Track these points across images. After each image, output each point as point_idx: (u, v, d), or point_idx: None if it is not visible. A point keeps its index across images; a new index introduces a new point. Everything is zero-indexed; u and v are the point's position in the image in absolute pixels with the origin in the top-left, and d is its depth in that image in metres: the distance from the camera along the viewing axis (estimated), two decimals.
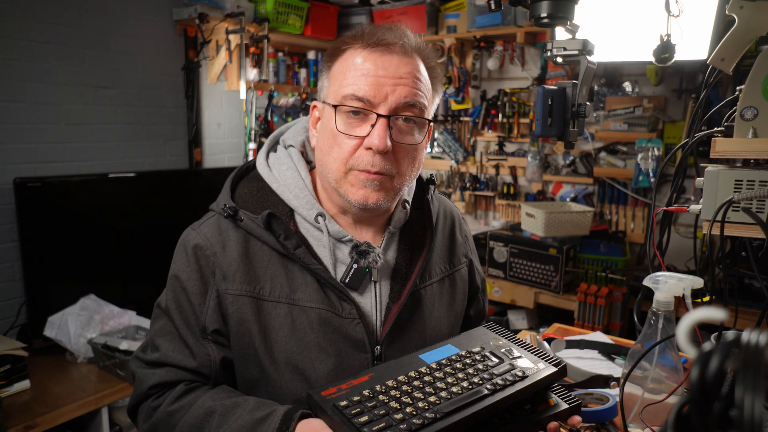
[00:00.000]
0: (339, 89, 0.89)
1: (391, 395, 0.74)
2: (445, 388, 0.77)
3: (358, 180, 0.89)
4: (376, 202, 0.91)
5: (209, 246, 0.92)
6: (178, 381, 0.91)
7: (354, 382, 0.77)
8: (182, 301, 0.92)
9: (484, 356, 0.86)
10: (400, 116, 0.89)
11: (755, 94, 1.01)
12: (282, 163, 0.99)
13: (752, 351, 0.34)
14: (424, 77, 0.92)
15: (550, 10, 1.03)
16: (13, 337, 2.27)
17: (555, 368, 0.85)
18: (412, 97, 0.88)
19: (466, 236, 1.16)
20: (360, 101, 0.87)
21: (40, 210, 2.24)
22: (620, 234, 3.13)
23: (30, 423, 1.81)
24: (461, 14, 3.36)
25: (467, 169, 3.72)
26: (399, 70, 0.88)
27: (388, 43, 0.88)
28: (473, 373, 0.81)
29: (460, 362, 0.83)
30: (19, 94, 2.36)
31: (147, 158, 2.88)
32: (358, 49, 0.89)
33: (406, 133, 0.90)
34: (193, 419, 0.84)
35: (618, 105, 3.06)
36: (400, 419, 0.70)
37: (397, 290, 0.96)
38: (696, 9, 1.62)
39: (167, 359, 0.91)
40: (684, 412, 0.37)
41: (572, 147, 1.16)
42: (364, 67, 0.88)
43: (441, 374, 0.80)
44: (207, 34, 2.96)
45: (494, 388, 0.78)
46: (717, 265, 1.29)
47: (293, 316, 0.89)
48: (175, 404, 0.87)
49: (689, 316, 0.44)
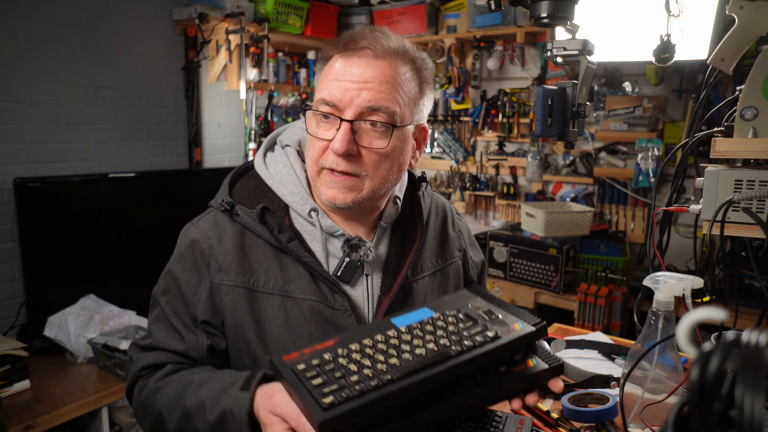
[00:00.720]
0: (317, 94, 0.93)
1: (351, 358, 0.72)
2: (410, 351, 0.73)
3: (326, 180, 0.93)
4: (343, 202, 0.93)
5: (206, 239, 0.95)
6: (166, 363, 0.95)
7: (318, 346, 0.75)
8: (173, 291, 0.96)
9: (458, 318, 0.82)
10: (365, 121, 0.89)
11: (755, 94, 1.01)
12: (279, 161, 1.02)
13: (752, 351, 0.34)
14: (400, 80, 0.91)
15: (550, 10, 1.03)
16: (13, 337, 2.27)
17: (533, 328, 0.80)
18: (376, 101, 0.88)
19: (460, 231, 1.18)
20: (327, 105, 0.90)
21: (40, 210, 2.24)
22: (620, 234, 3.13)
23: (30, 423, 1.81)
24: (461, 14, 3.36)
25: (467, 169, 3.72)
26: (365, 74, 0.89)
27: (358, 47, 0.90)
28: (442, 335, 0.77)
29: (432, 324, 0.80)
30: (19, 94, 2.36)
31: (147, 158, 2.88)
32: (337, 55, 0.93)
33: (372, 137, 0.91)
34: (173, 390, 0.89)
35: (618, 105, 3.06)
36: (354, 381, 0.67)
37: (388, 283, 0.99)
38: (696, 9, 1.62)
39: (158, 344, 0.95)
40: (684, 412, 0.37)
41: (572, 147, 1.16)
42: (335, 72, 0.91)
43: (408, 337, 0.77)
44: (207, 34, 2.96)
45: (461, 349, 0.73)
46: (717, 265, 1.29)
47: (286, 307, 0.92)
48: (160, 382, 0.92)
49: (689, 316, 0.44)
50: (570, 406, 1.04)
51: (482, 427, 0.92)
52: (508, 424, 0.93)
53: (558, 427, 1.04)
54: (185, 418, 0.85)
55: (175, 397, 0.88)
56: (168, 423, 0.88)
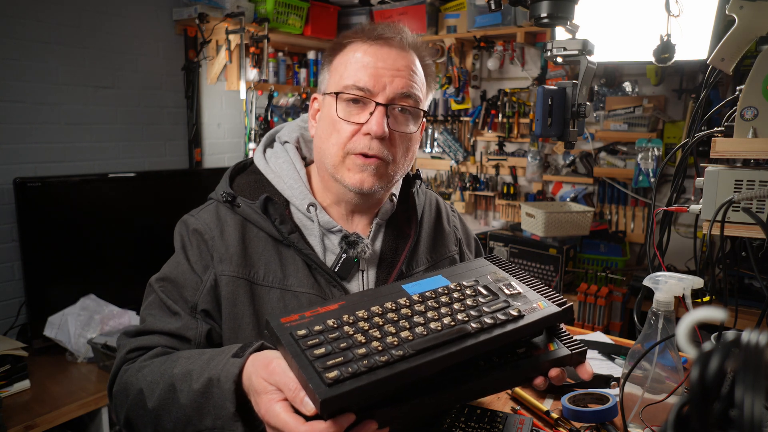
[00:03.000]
0: (340, 80, 0.94)
1: (358, 327, 0.65)
2: (423, 323, 0.66)
3: (355, 164, 0.93)
4: (371, 187, 0.94)
5: (208, 231, 0.95)
6: (156, 346, 0.90)
7: (321, 310, 0.68)
8: (175, 280, 0.94)
9: (477, 291, 0.74)
10: (397, 106, 0.94)
11: (755, 94, 1.01)
12: (279, 156, 1.03)
13: (752, 351, 0.34)
14: (419, 72, 0.97)
15: (550, 10, 1.03)
16: (13, 337, 2.27)
17: (558, 308, 0.73)
18: (408, 88, 0.93)
19: (456, 226, 1.19)
20: (360, 90, 0.92)
21: (40, 210, 2.24)
22: (620, 234, 3.13)
23: (30, 423, 1.81)
24: (461, 14, 3.36)
25: (467, 169, 3.72)
26: (397, 63, 0.93)
27: (387, 37, 0.94)
28: (459, 308, 0.70)
29: (447, 296, 0.72)
30: (19, 94, 2.36)
31: (147, 158, 2.88)
32: (359, 44, 0.95)
33: (401, 122, 0.95)
34: (158, 366, 0.83)
35: (618, 105, 3.06)
36: (362, 354, 0.60)
37: (383, 278, 1.01)
38: (696, 9, 1.62)
39: (150, 327, 0.92)
40: (684, 412, 0.37)
41: (572, 147, 1.16)
42: (365, 60, 0.93)
43: (422, 307, 0.69)
44: (207, 34, 2.96)
45: (480, 326, 0.66)
46: (717, 265, 1.29)
47: (285, 301, 0.92)
48: (146, 362, 0.87)
49: (689, 316, 0.44)
50: (570, 406, 1.04)
51: (482, 426, 0.92)
52: (508, 424, 0.93)
53: (558, 427, 1.04)
54: (169, 392, 0.78)
55: (159, 373, 0.81)
56: (148, 401, 0.80)
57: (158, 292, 0.95)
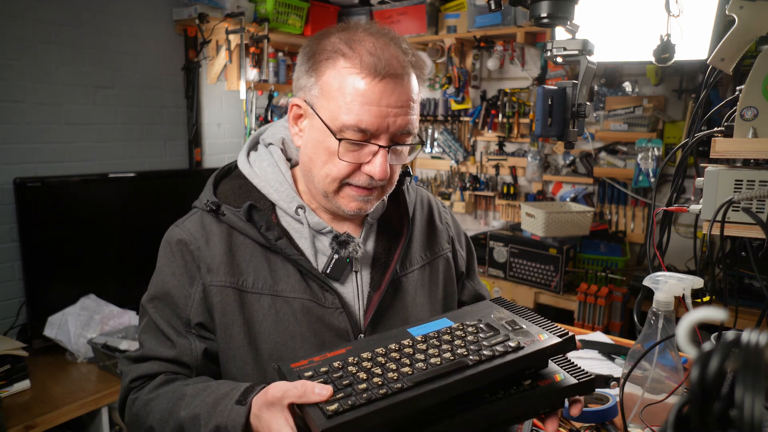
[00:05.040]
0: (338, 112, 0.85)
1: (362, 366, 0.69)
2: (424, 360, 0.69)
3: (351, 195, 0.91)
4: (367, 210, 0.95)
5: (193, 241, 0.93)
6: (158, 373, 0.91)
7: (329, 354, 0.72)
8: (162, 297, 0.93)
9: (479, 328, 0.77)
10: (398, 144, 0.90)
11: (755, 94, 1.01)
12: (263, 159, 1.00)
13: (752, 351, 0.34)
14: (417, 92, 0.91)
15: (550, 10, 1.03)
16: (13, 337, 2.27)
17: (559, 339, 0.74)
18: (408, 124, 0.88)
19: (448, 223, 1.17)
20: (362, 132, 0.85)
21: (40, 210, 2.24)
22: (620, 234, 3.13)
23: (30, 423, 1.81)
24: (461, 14, 3.36)
25: (467, 169, 3.72)
26: (401, 99, 0.86)
27: (396, 74, 0.85)
28: (460, 344, 0.73)
29: (450, 334, 0.75)
30: (19, 94, 2.36)
31: (147, 158, 2.88)
32: (361, 72, 0.84)
33: (400, 155, 0.93)
34: (165, 404, 0.85)
35: (618, 105, 3.06)
36: (362, 389, 0.64)
37: (378, 279, 0.99)
38: (696, 9, 1.62)
39: (149, 353, 0.92)
40: (684, 412, 0.37)
41: (572, 147, 1.16)
42: (368, 97, 0.84)
43: (424, 346, 0.73)
44: (207, 34, 2.95)
45: (479, 359, 0.69)
46: (717, 265, 1.29)
47: (276, 307, 0.91)
48: (152, 393, 0.89)
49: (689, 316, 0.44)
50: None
51: None
52: None
53: (558, 427, 1.04)
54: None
55: (167, 411, 0.84)
56: None
57: (151, 315, 0.94)
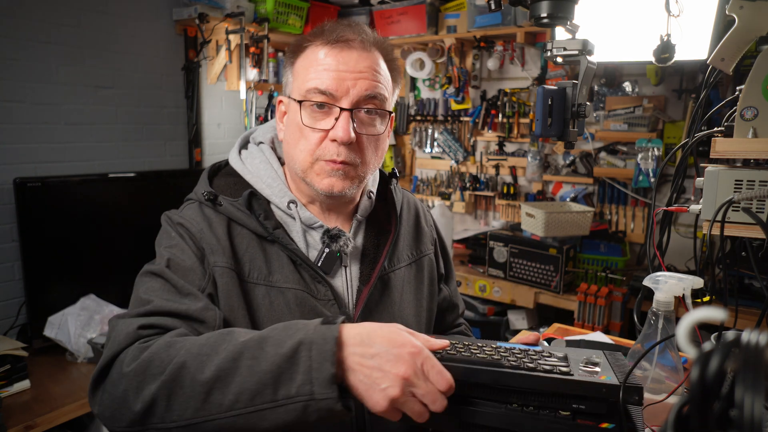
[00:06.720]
0: (302, 84, 0.93)
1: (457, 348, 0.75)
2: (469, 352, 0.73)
3: (323, 170, 0.93)
4: (341, 190, 0.95)
5: (194, 225, 0.93)
6: (173, 327, 0.79)
7: None
8: (182, 261, 0.88)
9: (551, 353, 0.74)
10: (362, 108, 0.93)
11: (755, 94, 1.01)
12: (254, 157, 1.03)
13: (752, 351, 0.34)
14: (384, 70, 0.96)
15: (550, 10, 1.03)
16: (13, 337, 2.27)
17: (617, 383, 0.67)
18: (372, 89, 0.92)
19: (432, 226, 1.22)
20: (323, 95, 0.91)
21: (40, 210, 2.24)
22: (620, 234, 3.13)
23: (30, 423, 1.81)
24: (461, 14, 3.36)
25: (467, 169, 3.71)
26: (359, 65, 0.92)
27: (348, 39, 0.92)
28: (507, 355, 0.72)
29: (519, 351, 0.74)
30: (19, 94, 2.36)
31: (147, 158, 2.88)
32: (320, 46, 0.93)
33: (368, 124, 0.95)
34: (205, 339, 0.73)
35: (618, 105, 3.06)
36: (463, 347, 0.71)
37: (367, 273, 1.01)
38: (696, 9, 1.62)
39: (159, 308, 0.81)
40: (684, 412, 0.37)
41: (572, 147, 1.16)
42: (326, 62, 0.91)
43: (489, 350, 0.75)
44: (207, 34, 2.95)
45: (516, 364, 0.68)
46: (717, 265, 1.29)
47: (271, 297, 0.92)
48: (175, 338, 0.75)
49: (689, 316, 0.44)
50: None
51: None
52: None
53: None
54: (234, 360, 0.69)
55: (210, 345, 0.71)
56: (199, 373, 0.69)
57: (164, 274, 0.86)
